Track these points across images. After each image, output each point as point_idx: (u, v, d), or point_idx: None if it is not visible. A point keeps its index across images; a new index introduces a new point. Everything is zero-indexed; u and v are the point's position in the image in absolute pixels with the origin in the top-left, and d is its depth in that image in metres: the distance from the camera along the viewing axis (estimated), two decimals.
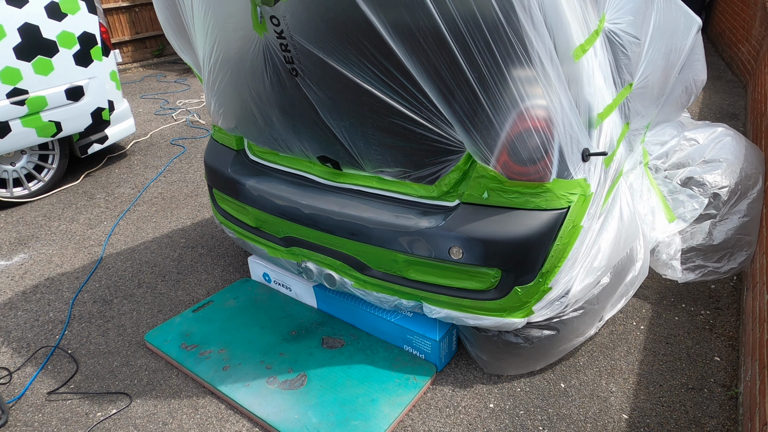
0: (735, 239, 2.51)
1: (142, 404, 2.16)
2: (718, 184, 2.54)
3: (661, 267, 2.56)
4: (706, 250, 2.54)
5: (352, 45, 1.64)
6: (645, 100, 2.14)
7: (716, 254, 2.54)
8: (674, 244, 2.52)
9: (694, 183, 2.59)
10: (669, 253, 2.51)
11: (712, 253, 2.54)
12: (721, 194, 2.53)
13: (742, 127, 4.47)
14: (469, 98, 1.57)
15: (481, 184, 1.74)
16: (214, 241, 3.32)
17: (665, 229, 2.50)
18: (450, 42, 1.48)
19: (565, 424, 1.98)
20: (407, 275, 2.01)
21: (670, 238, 2.51)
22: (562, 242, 1.75)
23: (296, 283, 2.59)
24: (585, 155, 1.69)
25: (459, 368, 2.25)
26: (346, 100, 1.80)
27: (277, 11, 1.68)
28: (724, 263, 2.56)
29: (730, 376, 2.14)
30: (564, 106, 1.58)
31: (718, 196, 2.53)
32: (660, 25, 2.18)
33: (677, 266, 2.52)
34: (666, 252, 2.51)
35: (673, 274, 2.54)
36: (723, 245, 2.52)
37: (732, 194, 2.52)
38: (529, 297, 1.85)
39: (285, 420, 1.99)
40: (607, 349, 2.31)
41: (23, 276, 3.05)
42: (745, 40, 5.57)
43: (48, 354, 2.44)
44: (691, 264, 2.57)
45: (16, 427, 2.09)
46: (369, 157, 1.93)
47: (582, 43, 1.65)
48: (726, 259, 2.55)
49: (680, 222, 2.54)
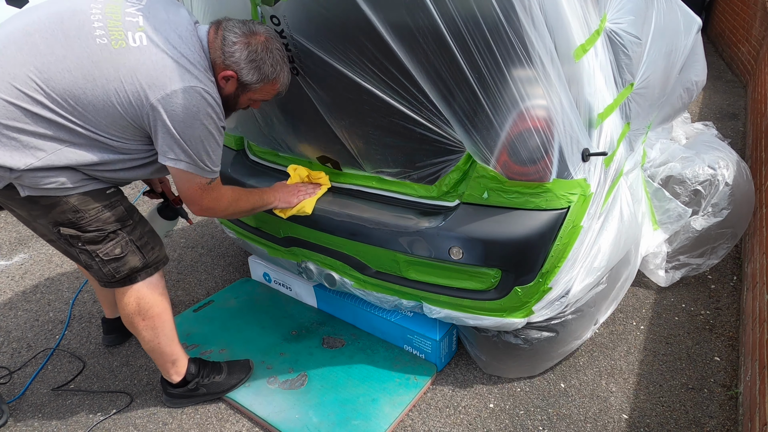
0: (716, 234, 2.51)
1: (142, 404, 2.16)
2: (698, 179, 2.54)
3: (648, 273, 2.58)
4: (690, 247, 2.55)
5: (352, 45, 1.64)
6: (646, 100, 2.13)
7: (699, 249, 2.56)
8: (660, 254, 2.54)
9: (674, 181, 2.60)
10: (656, 263, 2.54)
11: (695, 248, 2.56)
12: (701, 189, 2.53)
13: (742, 127, 4.47)
14: (469, 98, 1.56)
15: (481, 184, 1.74)
16: (214, 241, 3.32)
17: (650, 239, 2.52)
18: (450, 42, 1.48)
19: (565, 424, 1.98)
20: (407, 275, 2.01)
21: (658, 248, 2.53)
22: (562, 242, 1.75)
23: (296, 282, 2.60)
24: (585, 155, 1.69)
25: (459, 368, 2.26)
26: (346, 100, 1.80)
27: (277, 11, 1.68)
28: (705, 258, 2.58)
29: (730, 376, 2.14)
30: (564, 106, 1.58)
31: (698, 193, 2.54)
32: (661, 25, 2.18)
33: (661, 274, 2.56)
34: (653, 261, 2.54)
35: (657, 280, 2.57)
36: (704, 240, 2.54)
37: (710, 186, 2.52)
38: (529, 297, 1.85)
39: (285, 420, 1.99)
40: (607, 349, 2.31)
41: (23, 276, 3.05)
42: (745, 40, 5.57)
43: (48, 354, 2.44)
44: (676, 262, 2.59)
45: (16, 426, 2.09)
46: (369, 157, 1.93)
47: (583, 43, 1.65)
48: (708, 254, 2.56)
49: (662, 232, 2.55)
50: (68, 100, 1.50)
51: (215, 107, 1.59)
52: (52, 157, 1.54)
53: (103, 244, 1.73)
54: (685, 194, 2.56)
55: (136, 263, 1.80)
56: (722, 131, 4.32)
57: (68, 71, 1.49)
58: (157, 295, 1.88)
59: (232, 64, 1.61)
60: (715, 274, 2.74)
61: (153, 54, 1.50)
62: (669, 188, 2.60)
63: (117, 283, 1.82)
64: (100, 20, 1.52)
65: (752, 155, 3.49)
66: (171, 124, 1.53)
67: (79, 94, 1.50)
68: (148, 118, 1.54)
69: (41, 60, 1.48)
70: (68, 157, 1.56)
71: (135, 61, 1.49)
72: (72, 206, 1.64)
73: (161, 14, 1.57)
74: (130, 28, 1.52)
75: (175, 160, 1.59)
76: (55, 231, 1.70)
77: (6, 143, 1.50)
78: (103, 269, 1.77)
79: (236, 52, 1.60)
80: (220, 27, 1.62)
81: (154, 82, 1.49)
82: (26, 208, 1.67)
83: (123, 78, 1.49)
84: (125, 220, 1.77)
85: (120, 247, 1.76)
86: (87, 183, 1.65)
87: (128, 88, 1.50)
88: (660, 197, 2.56)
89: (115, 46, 1.50)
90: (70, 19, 1.51)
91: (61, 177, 1.58)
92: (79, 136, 1.56)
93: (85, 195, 1.65)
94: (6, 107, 1.48)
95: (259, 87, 1.68)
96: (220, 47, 1.60)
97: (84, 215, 1.67)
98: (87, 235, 1.70)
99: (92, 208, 1.68)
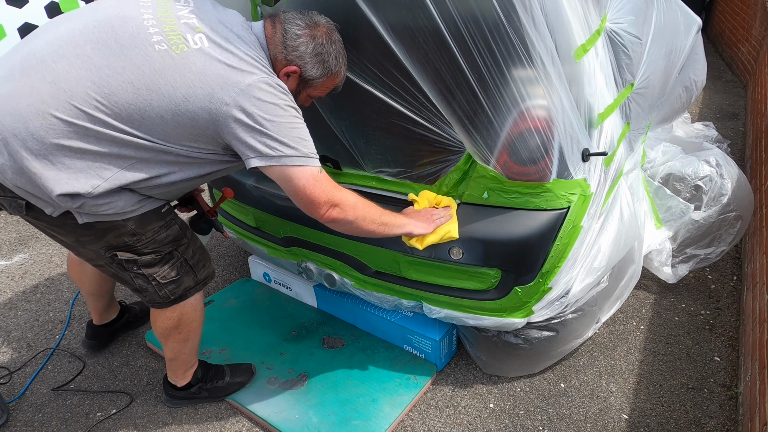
0: (719, 220, 2.51)
1: (142, 404, 2.16)
2: (698, 175, 2.54)
3: (654, 270, 2.58)
4: (696, 239, 2.55)
5: (352, 45, 1.64)
6: (646, 100, 2.14)
7: (705, 239, 2.56)
8: (665, 251, 2.54)
9: (674, 179, 2.60)
10: (660, 260, 2.54)
11: (701, 239, 2.55)
12: (702, 185, 2.53)
13: (742, 127, 4.47)
14: (469, 98, 1.56)
15: (481, 184, 1.74)
16: (214, 241, 3.32)
17: (654, 237, 2.52)
18: (450, 42, 1.48)
19: (565, 424, 1.98)
20: (407, 275, 2.01)
21: (661, 245, 2.53)
22: (562, 242, 1.75)
23: (296, 282, 2.60)
24: (585, 155, 1.69)
25: (459, 368, 2.26)
26: (346, 100, 1.80)
27: (277, 11, 1.68)
28: (714, 247, 2.57)
29: (730, 376, 2.14)
30: (564, 106, 1.58)
31: (699, 188, 2.54)
32: (661, 24, 2.18)
33: (667, 270, 2.55)
34: (657, 259, 2.54)
35: (665, 278, 2.56)
36: (710, 229, 2.53)
37: (710, 182, 2.53)
38: (529, 297, 1.85)
39: (286, 420, 1.99)
40: (607, 349, 2.31)
41: (23, 276, 3.05)
42: (745, 40, 5.57)
43: (48, 354, 2.44)
44: (684, 256, 2.59)
45: (16, 426, 2.09)
46: (369, 157, 1.93)
47: (583, 43, 1.65)
48: (716, 242, 2.56)
49: (666, 229, 2.55)
50: (133, 114, 1.39)
51: (290, 96, 1.49)
52: (119, 176, 1.44)
53: (159, 266, 1.66)
54: (686, 191, 2.57)
55: (189, 283, 1.76)
56: (722, 131, 4.32)
57: (130, 83, 1.37)
58: (198, 311, 1.85)
59: (295, 59, 1.51)
60: (715, 274, 2.74)
61: (217, 54, 1.40)
62: (670, 186, 2.60)
63: (170, 303, 1.76)
64: (155, 25, 1.40)
65: (752, 155, 3.49)
66: (258, 118, 1.40)
67: (144, 106, 1.39)
68: (225, 121, 1.41)
69: (98, 74, 1.36)
70: (134, 174, 1.46)
71: (200, 64, 1.39)
72: (130, 229, 1.56)
73: (213, 14, 1.48)
74: (188, 30, 1.42)
75: (275, 157, 1.44)
76: (108, 256, 1.61)
77: (70, 165, 1.39)
78: (159, 292, 1.70)
79: (301, 46, 1.50)
80: (278, 20, 1.52)
81: (225, 81, 1.39)
82: (76, 234, 1.57)
83: (191, 83, 1.38)
84: (180, 239, 1.70)
85: (176, 269, 1.70)
86: (144, 203, 1.56)
87: (199, 93, 1.39)
88: (661, 195, 2.56)
89: (176, 51, 1.39)
90: (122, 27, 1.40)
91: (120, 201, 1.49)
92: (146, 150, 1.45)
93: (142, 217, 1.57)
94: (66, 128, 1.36)
95: (321, 82, 1.58)
96: (282, 41, 1.50)
97: (141, 237, 1.59)
98: (144, 258, 1.63)
99: (149, 230, 1.60)
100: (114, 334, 2.44)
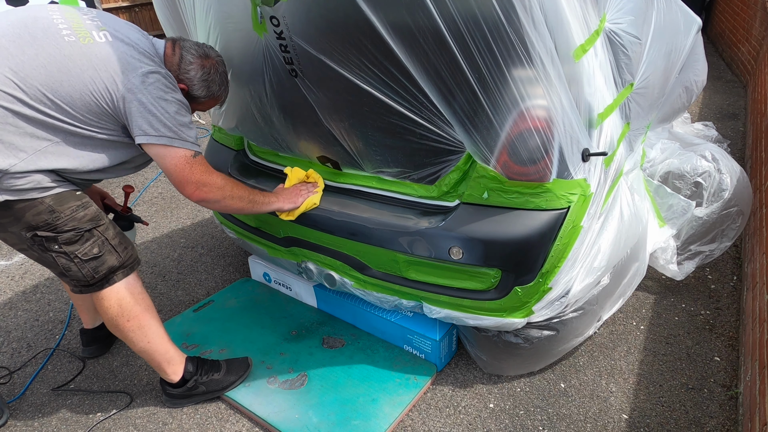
0: (722, 216, 2.51)
1: (142, 404, 2.16)
2: (697, 171, 2.54)
3: (660, 268, 2.57)
4: (699, 235, 2.55)
5: (352, 45, 1.64)
6: (645, 100, 2.14)
7: (708, 235, 2.55)
8: (669, 249, 2.54)
9: (674, 177, 2.59)
10: (666, 258, 2.53)
11: (704, 235, 2.55)
12: (702, 181, 2.53)
13: (742, 127, 4.47)
14: (469, 98, 1.57)
15: (481, 184, 1.74)
16: (214, 241, 3.32)
17: (658, 235, 2.52)
18: (450, 42, 1.48)
19: (565, 424, 1.98)
20: (407, 275, 2.01)
21: (665, 243, 2.52)
22: (562, 242, 1.75)
23: (296, 282, 2.60)
24: (585, 155, 1.69)
25: (459, 368, 2.26)
26: (345, 101, 1.80)
27: (277, 11, 1.68)
28: (717, 243, 2.57)
29: (730, 376, 2.14)
30: (564, 106, 1.58)
31: (699, 185, 2.54)
32: (660, 25, 2.18)
33: (673, 268, 2.54)
34: (663, 257, 2.53)
35: (672, 275, 2.55)
36: (713, 225, 2.53)
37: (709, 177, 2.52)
38: (529, 297, 1.85)
39: (285, 420, 1.99)
40: (607, 349, 2.31)
41: (23, 276, 3.06)
42: (745, 40, 5.57)
43: (48, 354, 2.44)
44: (688, 253, 2.58)
45: (16, 426, 2.09)
46: (369, 157, 1.93)
47: (582, 43, 1.65)
48: (719, 237, 2.56)
49: (669, 227, 2.55)
50: (47, 93, 1.57)
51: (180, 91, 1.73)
52: (33, 157, 1.60)
53: (80, 244, 1.75)
54: (686, 188, 2.56)
55: (113, 262, 1.82)
56: (722, 131, 4.32)
57: (43, 67, 1.56)
58: (137, 294, 1.90)
59: (185, 80, 1.79)
60: (715, 274, 2.74)
61: (120, 46, 1.64)
62: (669, 184, 2.60)
63: (96, 285, 1.82)
64: (64, 23, 1.63)
65: (752, 155, 3.49)
66: (146, 99, 1.62)
67: (56, 86, 1.58)
68: (123, 101, 1.63)
69: (14, 61, 1.55)
70: (48, 158, 1.63)
71: (105, 52, 1.62)
72: (48, 206, 1.67)
73: (117, 21, 1.74)
74: (94, 28, 1.65)
75: (156, 136, 1.66)
76: (29, 236, 1.70)
77: None
78: (82, 270, 1.78)
79: (192, 71, 1.79)
80: (177, 44, 1.79)
81: (126, 67, 1.62)
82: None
83: (96, 66, 1.60)
84: (99, 219, 1.80)
85: (97, 246, 1.78)
86: (61, 184, 1.70)
87: (103, 75, 1.60)
88: (662, 194, 2.56)
89: (83, 42, 1.61)
90: (33, 24, 1.60)
91: (37, 176, 1.63)
92: (56, 131, 1.63)
93: (59, 195, 1.69)
94: None
95: (204, 101, 1.88)
96: (177, 63, 1.77)
97: (60, 215, 1.69)
98: (64, 235, 1.72)
99: (67, 208, 1.70)
100: (111, 336, 2.44)
